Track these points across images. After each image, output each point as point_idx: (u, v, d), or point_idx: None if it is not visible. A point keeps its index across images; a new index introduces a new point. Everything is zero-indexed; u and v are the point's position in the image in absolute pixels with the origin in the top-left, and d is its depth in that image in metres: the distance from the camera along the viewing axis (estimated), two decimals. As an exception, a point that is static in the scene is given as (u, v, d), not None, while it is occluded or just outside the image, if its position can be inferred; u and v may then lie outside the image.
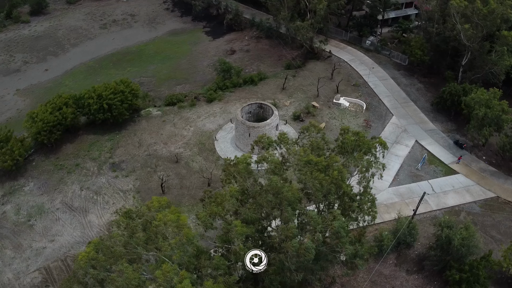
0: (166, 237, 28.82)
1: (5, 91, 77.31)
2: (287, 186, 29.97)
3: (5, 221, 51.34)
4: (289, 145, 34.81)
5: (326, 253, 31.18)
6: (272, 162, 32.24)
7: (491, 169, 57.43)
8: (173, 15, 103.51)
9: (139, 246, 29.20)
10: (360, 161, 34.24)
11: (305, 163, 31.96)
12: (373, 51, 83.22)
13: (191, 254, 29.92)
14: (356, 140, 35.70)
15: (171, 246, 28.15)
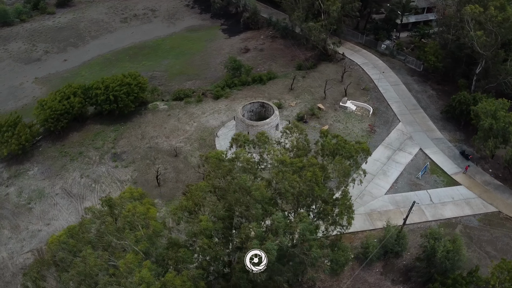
0: (134, 227, 29.40)
1: (25, 78, 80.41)
2: (255, 185, 29.90)
3: (7, 202, 53.56)
4: (266, 144, 34.64)
5: (295, 255, 30.90)
6: (244, 160, 32.23)
7: (496, 182, 55.23)
8: (193, 11, 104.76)
9: (110, 234, 29.88)
10: (338, 165, 33.62)
11: (279, 163, 31.77)
12: (388, 56, 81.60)
13: (160, 246, 30.34)
14: (336, 144, 35.09)
15: (136, 237, 28.69)
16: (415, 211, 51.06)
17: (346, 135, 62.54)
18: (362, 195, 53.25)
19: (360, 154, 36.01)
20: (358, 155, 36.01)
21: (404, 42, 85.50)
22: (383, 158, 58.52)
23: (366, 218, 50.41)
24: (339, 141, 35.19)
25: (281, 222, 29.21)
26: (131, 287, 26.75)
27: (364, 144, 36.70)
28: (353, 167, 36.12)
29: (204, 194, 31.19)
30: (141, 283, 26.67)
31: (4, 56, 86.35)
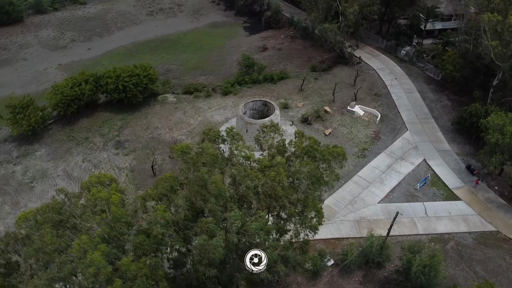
0: (95, 211, 30.36)
1: (49, 64, 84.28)
2: (213, 178, 30.02)
3: (12, 179, 56.48)
4: (235, 140, 34.59)
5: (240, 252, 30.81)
6: (208, 154, 32.39)
7: (500, 201, 52.46)
8: (217, 8, 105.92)
9: (74, 216, 30.99)
10: (307, 167, 33.03)
11: (246, 160, 31.68)
12: (407, 62, 79.22)
13: (125, 232, 31.13)
14: (307, 146, 34.50)
15: (95, 221, 29.60)
16: (406, 223, 49.64)
17: (349, 140, 61.53)
18: (354, 202, 52.16)
19: (337, 158, 35.20)
20: (334, 159, 35.24)
21: (427, 49, 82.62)
22: (383, 166, 56.96)
23: (354, 225, 49.32)
24: (310, 144, 34.57)
25: (237, 219, 29.18)
26: (82, 268, 27.66)
27: (340, 148, 35.87)
28: (326, 171, 35.41)
29: (169, 184, 31.67)
30: (92, 265, 27.49)
31: (34, 42, 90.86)
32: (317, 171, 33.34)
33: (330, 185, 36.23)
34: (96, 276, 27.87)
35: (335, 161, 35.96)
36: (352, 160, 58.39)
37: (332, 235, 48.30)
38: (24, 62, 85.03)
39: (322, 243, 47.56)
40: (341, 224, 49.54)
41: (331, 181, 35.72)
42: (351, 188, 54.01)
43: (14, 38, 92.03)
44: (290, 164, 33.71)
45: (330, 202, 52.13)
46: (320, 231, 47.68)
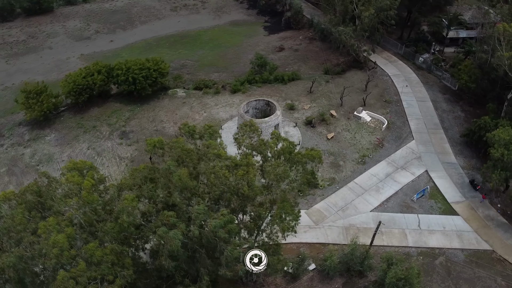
0: (68, 196, 31.55)
1: (72, 54, 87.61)
2: (178, 172, 30.41)
3: (21, 161, 59.29)
4: (207, 136, 34.85)
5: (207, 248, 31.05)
6: (175, 148, 32.83)
7: (501, 219, 50.17)
8: (240, 6, 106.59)
9: (49, 199, 32.34)
10: (276, 168, 32.83)
11: (216, 157, 31.96)
12: (424, 70, 77.01)
13: (92, 218, 32.18)
14: (281, 149, 34.21)
15: (66, 204, 30.77)
16: (397, 234, 48.47)
17: (351, 145, 60.59)
18: (346, 208, 51.36)
19: (313, 161, 34.83)
20: (310, 162, 34.88)
21: (449, 57, 79.92)
22: (381, 174, 55.72)
23: (342, 231, 48.56)
24: (284, 146, 34.29)
25: (200, 213, 29.55)
26: (46, 248, 28.84)
27: (316, 152, 35.43)
28: (300, 173, 35.08)
29: (143, 175, 32.48)
30: (55, 247, 28.62)
31: (60, 32, 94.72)
32: (286, 173, 33.00)
33: (304, 188, 35.72)
34: (59, 257, 28.97)
35: (311, 164, 35.51)
36: (351, 166, 57.48)
37: (318, 239, 47.78)
38: (49, 50, 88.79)
39: (306, 247, 47.20)
40: (329, 229, 48.92)
41: (304, 184, 35.23)
42: (345, 194, 53.19)
43: (43, 27, 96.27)
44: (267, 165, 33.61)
45: (321, 206, 51.60)
46: (306, 235, 48.24)
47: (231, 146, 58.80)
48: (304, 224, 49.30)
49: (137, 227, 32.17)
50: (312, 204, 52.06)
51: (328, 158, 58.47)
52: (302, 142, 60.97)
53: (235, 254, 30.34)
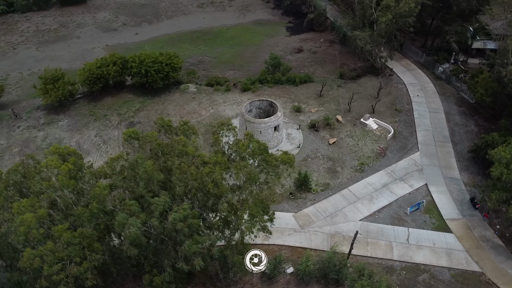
0: (44, 178, 33.32)
1: (98, 44, 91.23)
2: (145, 164, 31.31)
3: (33, 143, 62.65)
4: (180, 132, 35.51)
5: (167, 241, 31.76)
6: (150, 143, 33.74)
7: (497, 241, 47.93)
8: (266, 6, 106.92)
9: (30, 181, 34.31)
10: (242, 168, 33.01)
11: (184, 154, 32.62)
12: (443, 80, 74.43)
13: (68, 201, 33.83)
14: (256, 149, 34.35)
15: (42, 186, 32.54)
16: (382, 246, 47.45)
17: (352, 152, 59.71)
18: (335, 215, 50.77)
19: (285, 166, 34.82)
20: (282, 166, 34.87)
21: (472, 68, 76.73)
22: (378, 184, 54.58)
23: (327, 238, 48.06)
24: (254, 147, 34.42)
25: (160, 205, 30.40)
26: (16, 226, 30.68)
27: (289, 156, 35.33)
28: (272, 176, 35.13)
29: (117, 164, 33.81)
30: (22, 225, 30.39)
31: (90, 22, 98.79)
32: (254, 174, 33.15)
33: (270, 189, 35.76)
34: (27, 235, 30.72)
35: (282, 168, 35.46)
36: (348, 173, 56.66)
37: (301, 244, 47.55)
38: (77, 40, 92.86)
39: (288, 250, 47.13)
40: (314, 234, 48.57)
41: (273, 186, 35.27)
42: (337, 200, 52.56)
43: (75, 17, 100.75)
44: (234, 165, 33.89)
45: (310, 211, 51.27)
46: (290, 238, 48.19)
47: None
48: (289, 227, 49.36)
49: (107, 213, 33.44)
50: (301, 207, 51.82)
51: (326, 164, 57.92)
52: (302, 145, 60.70)
53: (193, 249, 30.94)
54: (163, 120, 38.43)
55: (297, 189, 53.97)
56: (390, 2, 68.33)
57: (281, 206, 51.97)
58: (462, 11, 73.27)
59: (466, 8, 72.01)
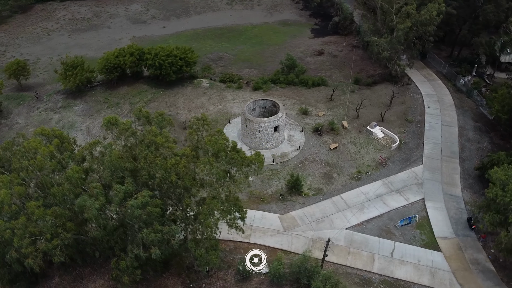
0: (24, 157, 35.38)
1: (126, 35, 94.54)
2: (110, 154, 32.37)
3: (47, 124, 65.99)
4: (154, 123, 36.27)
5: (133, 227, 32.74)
6: (123, 130, 34.80)
7: (488, 266, 45.50)
8: (295, 6, 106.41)
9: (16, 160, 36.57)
10: (205, 165, 33.26)
11: (152, 144, 33.45)
12: (463, 93, 71.23)
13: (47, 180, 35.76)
14: (220, 147, 34.53)
15: (21, 164, 34.59)
16: (364, 257, 46.38)
17: (352, 159, 58.61)
18: (321, 220, 50.12)
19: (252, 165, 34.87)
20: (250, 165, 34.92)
21: (500, 83, 72.85)
22: (372, 194, 53.26)
23: (308, 243, 47.54)
24: (220, 145, 34.56)
25: (120, 191, 31.45)
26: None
27: (258, 156, 35.28)
28: (240, 175, 35.25)
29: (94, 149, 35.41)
30: (-4, 199, 32.53)
31: (122, 14, 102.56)
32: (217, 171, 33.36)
33: (237, 188, 35.89)
34: (0, 210, 32.81)
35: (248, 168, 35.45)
36: (344, 180, 55.68)
37: (281, 246, 47.37)
38: (107, 30, 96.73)
39: (268, 250, 47.04)
40: (296, 238, 48.22)
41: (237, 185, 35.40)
42: (326, 206, 51.82)
43: (108, 8, 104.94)
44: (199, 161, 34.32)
45: (296, 214, 50.92)
46: (271, 239, 48.19)
47: (235, 140, 60.25)
48: (273, 228, 49.29)
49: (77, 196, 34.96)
50: (289, 210, 51.55)
51: (323, 168, 57.20)
52: (303, 148, 60.25)
53: (150, 237, 31.80)
54: (140, 110, 39.61)
55: (288, 191, 53.72)
56: (410, 10, 66.31)
57: (268, 207, 51.98)
58: (489, 22, 69.70)
59: (493, 19, 68.48)
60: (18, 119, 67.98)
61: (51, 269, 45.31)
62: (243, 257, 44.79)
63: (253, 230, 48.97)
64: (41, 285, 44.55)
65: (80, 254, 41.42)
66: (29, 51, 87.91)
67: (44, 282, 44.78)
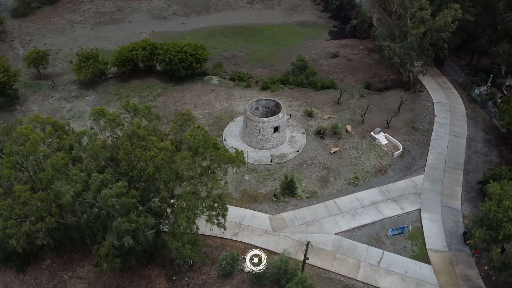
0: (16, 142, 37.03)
1: (146, 29, 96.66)
2: (92, 142, 33.30)
3: (59, 113, 68.55)
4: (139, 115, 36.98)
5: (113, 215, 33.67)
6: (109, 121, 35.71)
7: (478, 283, 43.93)
8: (315, 8, 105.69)
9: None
10: (182, 160, 33.63)
11: (134, 135, 34.20)
12: (478, 103, 68.88)
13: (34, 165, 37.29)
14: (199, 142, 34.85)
15: (12, 150, 36.21)
16: (349, 264, 45.74)
17: (351, 165, 57.82)
18: (311, 224, 49.72)
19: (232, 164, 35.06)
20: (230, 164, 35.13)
21: (517, 95, 70.09)
22: (367, 201, 52.37)
23: (295, 245, 47.25)
24: (199, 140, 34.85)
25: (97, 180, 32.38)
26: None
27: (238, 155, 35.39)
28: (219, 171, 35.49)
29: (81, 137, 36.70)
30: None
31: (144, 9, 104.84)
32: (193, 166, 33.73)
33: (215, 185, 36.11)
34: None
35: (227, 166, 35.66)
36: (340, 184, 55.01)
37: (268, 246, 47.30)
38: (128, 24, 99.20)
39: (254, 249, 47.09)
40: (283, 239, 48.07)
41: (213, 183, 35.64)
42: (318, 210, 51.36)
43: (132, 3, 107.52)
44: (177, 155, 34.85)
45: (287, 215, 50.72)
46: (258, 239, 48.27)
47: (236, 138, 60.86)
48: (262, 228, 49.33)
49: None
50: (280, 211, 51.43)
51: (321, 172, 56.68)
52: (303, 150, 59.89)
53: (124, 226, 32.58)
54: (128, 102, 40.57)
55: (282, 192, 53.58)
56: (425, 15, 64.67)
57: (260, 206, 52.05)
58: (509, 31, 67.03)
59: (513, 28, 65.85)
60: (33, 106, 70.82)
61: (44, 252, 47.08)
62: (228, 255, 44.99)
63: (241, 228, 49.18)
64: (32, 266, 46.38)
65: (68, 239, 42.84)
66: (52, 42, 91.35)
67: (36, 263, 46.59)
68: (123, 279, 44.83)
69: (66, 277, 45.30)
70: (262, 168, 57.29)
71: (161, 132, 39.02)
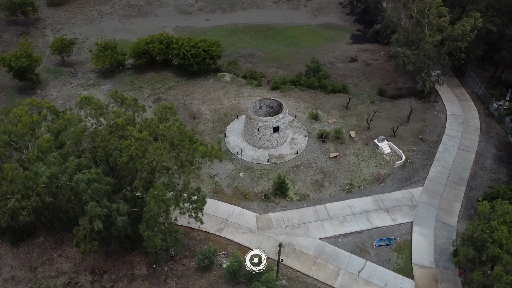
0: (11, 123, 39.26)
1: (171, 24, 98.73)
2: (72, 127, 34.65)
3: (74, 99, 71.25)
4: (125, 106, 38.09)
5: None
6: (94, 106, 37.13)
7: (461, 303, 42.24)
8: (341, 10, 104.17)
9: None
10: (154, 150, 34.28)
11: (115, 125, 35.32)
12: (494, 118, 65.80)
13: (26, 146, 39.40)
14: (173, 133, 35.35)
15: (5, 129, 38.45)
16: (328, 270, 45.24)
17: (349, 171, 56.92)
18: (297, 227, 49.42)
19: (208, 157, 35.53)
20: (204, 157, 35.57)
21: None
22: (358, 209, 51.41)
23: (276, 245, 47.06)
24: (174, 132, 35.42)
25: (72, 164, 33.78)
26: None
27: (213, 150, 35.73)
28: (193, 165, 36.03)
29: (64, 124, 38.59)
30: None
31: (171, 4, 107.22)
32: (165, 157, 34.37)
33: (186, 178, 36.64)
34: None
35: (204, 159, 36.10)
36: (334, 190, 54.25)
37: (250, 244, 47.48)
38: (155, 17, 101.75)
39: (236, 246, 47.46)
40: (266, 239, 48.08)
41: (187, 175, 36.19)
42: (306, 214, 50.92)
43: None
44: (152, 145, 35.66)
45: (274, 216, 50.65)
46: (242, 236, 48.63)
47: (237, 136, 61.37)
48: (247, 226, 49.57)
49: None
50: (268, 211, 51.43)
51: (316, 175, 56.14)
52: (302, 152, 59.49)
53: (95, 211, 33.83)
54: (116, 92, 41.88)
55: (274, 192, 53.52)
56: (442, 22, 62.52)
57: (250, 205, 52.25)
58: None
59: (536, 41, 62.30)
60: (52, 91, 74.32)
61: (38, 229, 49.51)
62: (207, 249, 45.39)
63: (227, 224, 49.63)
64: (26, 242, 48.86)
65: (57, 219, 44.87)
66: (81, 31, 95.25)
67: (30, 240, 49.03)
68: (107, 262, 46.39)
69: (54, 255, 47.43)
70: (258, 167, 57.43)
71: (144, 124, 40.03)
